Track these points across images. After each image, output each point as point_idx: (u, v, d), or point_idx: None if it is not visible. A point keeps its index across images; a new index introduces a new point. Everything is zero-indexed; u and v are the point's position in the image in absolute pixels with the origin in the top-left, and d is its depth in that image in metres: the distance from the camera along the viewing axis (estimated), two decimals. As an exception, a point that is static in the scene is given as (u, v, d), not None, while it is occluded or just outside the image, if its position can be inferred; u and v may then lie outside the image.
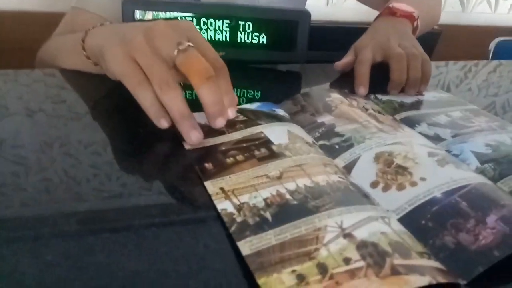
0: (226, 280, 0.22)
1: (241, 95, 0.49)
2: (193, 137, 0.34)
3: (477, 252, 0.25)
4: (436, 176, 0.31)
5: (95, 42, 0.40)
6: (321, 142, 0.37)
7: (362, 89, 0.48)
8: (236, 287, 0.22)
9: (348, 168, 0.33)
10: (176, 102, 0.33)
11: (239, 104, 0.43)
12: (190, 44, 0.33)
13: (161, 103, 0.34)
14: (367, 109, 0.42)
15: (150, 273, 0.23)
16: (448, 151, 0.37)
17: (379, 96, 0.48)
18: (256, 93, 0.50)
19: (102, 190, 0.29)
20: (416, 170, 0.32)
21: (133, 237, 0.25)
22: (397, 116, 0.43)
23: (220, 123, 0.35)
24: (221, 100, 0.34)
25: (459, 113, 0.44)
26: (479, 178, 0.31)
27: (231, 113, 0.36)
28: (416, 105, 0.47)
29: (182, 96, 0.34)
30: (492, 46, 1.69)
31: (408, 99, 0.48)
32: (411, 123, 0.41)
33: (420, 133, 0.39)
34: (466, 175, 0.31)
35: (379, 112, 0.42)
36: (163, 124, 0.35)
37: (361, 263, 0.22)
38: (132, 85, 0.34)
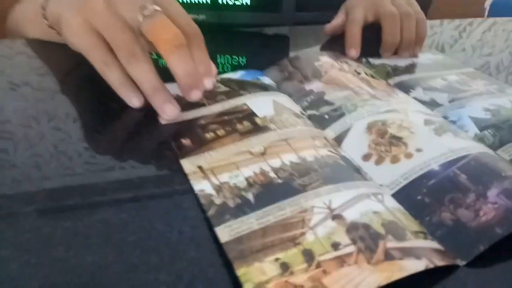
0: (201, 271, 0.20)
1: (225, 63, 0.45)
2: (168, 111, 0.31)
3: (478, 229, 0.23)
4: (433, 146, 0.28)
5: (55, 9, 0.36)
6: (309, 112, 0.34)
7: (353, 51, 0.44)
8: (213, 280, 0.20)
9: (339, 139, 0.31)
10: (146, 75, 0.30)
11: (222, 73, 0.40)
12: (157, 8, 0.30)
13: (131, 79, 0.31)
14: (359, 73, 0.39)
15: (116, 266, 0.20)
16: (445, 117, 0.34)
17: (371, 60, 0.44)
18: (241, 60, 0.46)
19: (65, 170, 0.27)
20: (412, 141, 0.29)
21: (98, 226, 0.23)
22: (391, 81, 0.40)
23: (195, 95, 0.32)
24: (194, 70, 0.31)
25: (456, 77, 0.42)
26: (478, 147, 0.29)
27: (208, 84, 0.33)
28: (411, 68, 0.44)
29: (152, 67, 0.31)
30: (487, 4, 1.64)
31: (402, 62, 0.45)
32: (406, 88, 0.38)
33: (415, 98, 0.37)
34: (465, 145, 0.29)
35: (372, 76, 0.39)
36: (135, 103, 0.32)
37: (352, 248, 0.20)
38: (97, 64, 0.31)
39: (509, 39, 0.58)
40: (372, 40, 0.46)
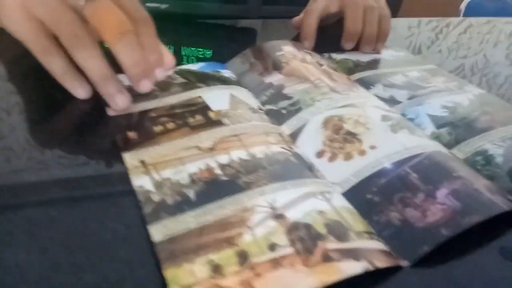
0: (131, 272, 0.19)
1: (189, 55, 0.44)
2: (118, 102, 0.30)
3: (424, 230, 0.22)
4: (387, 143, 0.28)
5: None
6: (268, 107, 0.33)
7: (307, 43, 0.43)
8: (141, 281, 0.19)
9: (294, 135, 0.30)
10: (93, 61, 0.28)
11: (182, 64, 0.38)
12: None
13: (76, 66, 0.29)
14: (321, 65, 0.38)
15: (38, 266, 0.19)
16: (404, 115, 0.34)
17: (334, 55, 0.43)
18: (206, 52, 0.45)
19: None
20: (367, 137, 0.28)
21: (23, 223, 0.21)
22: (352, 77, 0.39)
23: (145, 86, 0.30)
24: (143, 59, 0.29)
25: (416, 73, 0.41)
26: (433, 146, 0.28)
27: (159, 74, 0.31)
28: (373, 64, 0.43)
29: (100, 53, 0.29)
30: (463, 6, 1.66)
31: (364, 58, 0.44)
32: (366, 84, 0.38)
33: (375, 95, 0.36)
34: (420, 143, 0.28)
35: (334, 70, 0.38)
36: (81, 93, 0.30)
37: (289, 250, 0.19)
38: (38, 52, 0.29)
39: (484, 42, 0.58)
40: (335, 35, 0.45)
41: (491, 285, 0.21)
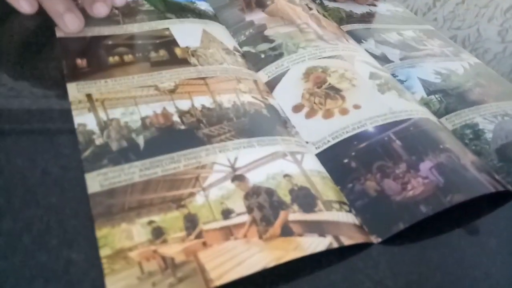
0: (59, 224, 0.16)
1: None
2: (67, 22, 0.25)
3: (401, 204, 0.20)
4: (373, 104, 0.25)
5: None
6: (245, 49, 0.29)
7: None
8: (69, 236, 0.16)
9: (271, 84, 0.26)
10: None
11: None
12: None
13: None
14: (310, 8, 0.34)
15: None
16: (394, 75, 0.30)
17: (326, 2, 0.39)
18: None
19: None
20: (351, 95, 0.25)
21: None
22: (343, 28, 0.35)
23: (99, 10, 0.26)
24: None
25: (412, 33, 0.37)
26: (422, 112, 0.25)
27: (119, 0, 0.27)
28: (366, 17, 0.39)
29: None
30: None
31: (358, 9, 0.39)
32: (357, 37, 0.34)
33: (365, 50, 0.32)
34: (408, 107, 0.25)
35: (323, 16, 0.34)
36: (25, 7, 0.25)
37: (245, 218, 0.16)
38: None
39: (479, 16, 0.54)
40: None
41: (465, 269, 0.19)
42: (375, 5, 0.41)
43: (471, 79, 0.32)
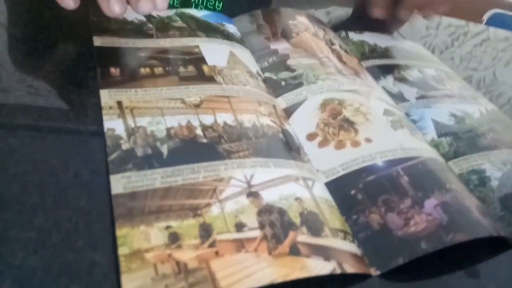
0: (85, 224, 0.17)
1: (199, 3, 0.40)
2: (113, 4, 0.27)
3: (403, 239, 0.20)
4: (384, 139, 0.26)
5: None
6: (267, 74, 0.30)
7: (377, 10, 0.40)
8: (95, 236, 0.17)
9: (289, 111, 0.27)
10: None
11: (184, 7, 0.35)
12: None
13: None
14: (333, 44, 0.35)
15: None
16: (407, 114, 0.32)
17: (351, 35, 0.41)
18: (217, 4, 0.41)
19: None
20: (364, 128, 0.26)
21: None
22: (363, 63, 0.36)
23: (144, 6, 0.28)
24: None
25: (433, 72, 0.39)
26: (431, 152, 0.26)
27: (160, 3, 0.29)
28: (390, 51, 0.40)
29: None
30: (486, 17, 1.62)
31: (383, 42, 0.41)
32: (377, 74, 0.35)
33: (383, 87, 0.34)
34: (418, 145, 0.26)
35: (345, 51, 0.35)
36: (69, 3, 0.27)
37: (256, 233, 0.17)
38: None
39: (496, 59, 0.56)
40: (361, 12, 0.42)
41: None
42: (400, 41, 0.43)
43: (485, 124, 0.32)
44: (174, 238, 0.17)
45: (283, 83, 0.30)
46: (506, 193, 0.27)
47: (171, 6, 0.40)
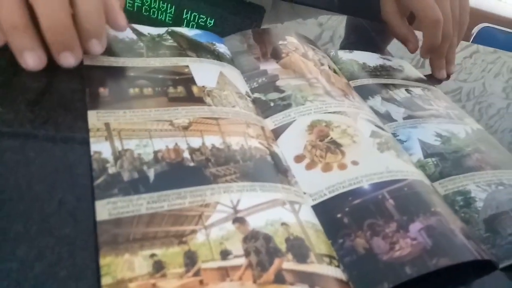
0: (69, 253, 0.17)
1: (191, 20, 0.40)
2: (27, 60, 0.25)
3: (387, 264, 0.21)
4: (371, 161, 0.26)
5: None
6: (256, 95, 0.31)
7: (410, 45, 0.45)
8: (78, 265, 0.16)
9: (277, 132, 0.28)
10: (6, 4, 0.23)
11: (175, 25, 0.35)
12: None
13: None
14: (322, 64, 0.36)
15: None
16: (395, 134, 0.32)
17: (340, 54, 0.41)
18: (208, 21, 0.42)
19: None
20: (351, 150, 0.27)
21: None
22: (352, 83, 0.37)
23: (66, 61, 0.26)
24: (66, 26, 0.24)
25: (420, 91, 0.39)
26: (416, 174, 0.27)
27: (95, 47, 0.26)
28: (379, 70, 0.41)
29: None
30: (475, 30, 1.65)
31: (372, 61, 0.42)
32: (365, 93, 0.36)
33: (371, 107, 0.34)
34: (404, 168, 0.27)
35: (334, 71, 0.36)
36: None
37: (241, 261, 0.17)
38: None
39: (485, 70, 0.57)
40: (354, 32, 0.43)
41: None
42: (389, 60, 0.44)
43: (471, 144, 0.33)
44: (159, 267, 0.16)
45: (272, 104, 0.30)
46: (491, 214, 0.27)
47: (163, 23, 0.40)
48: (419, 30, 0.45)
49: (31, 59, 0.25)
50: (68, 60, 0.26)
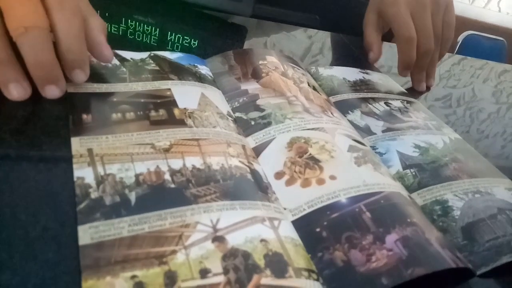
0: (53, 278, 0.17)
1: (176, 42, 0.42)
2: (12, 91, 0.25)
3: (364, 275, 0.21)
4: (348, 176, 0.27)
5: None
6: (238, 114, 0.32)
7: (371, 54, 0.47)
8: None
9: (258, 150, 0.29)
10: None
11: (159, 49, 0.36)
12: None
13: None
14: (301, 81, 0.37)
15: None
16: (374, 147, 0.33)
17: (321, 70, 0.43)
18: (192, 42, 0.43)
19: None
20: (329, 166, 0.27)
21: None
22: (332, 98, 0.38)
23: (51, 93, 0.27)
24: (49, 61, 0.25)
25: (399, 103, 0.41)
26: (394, 186, 0.28)
27: (78, 76, 0.27)
28: (359, 84, 0.42)
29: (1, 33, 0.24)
30: (460, 38, 1.69)
31: (352, 76, 0.43)
32: (345, 108, 0.37)
33: (350, 122, 0.35)
34: (381, 181, 0.28)
35: (314, 88, 0.37)
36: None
37: (220, 278, 0.18)
38: None
39: (474, 76, 0.59)
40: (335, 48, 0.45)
41: None
42: (368, 74, 0.45)
43: (448, 153, 0.34)
44: (139, 288, 0.17)
45: (252, 123, 0.31)
46: (468, 222, 0.28)
47: (148, 46, 0.41)
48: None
49: (16, 91, 0.26)
50: (52, 92, 0.27)
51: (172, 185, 0.22)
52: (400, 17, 0.43)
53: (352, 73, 0.44)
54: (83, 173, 0.22)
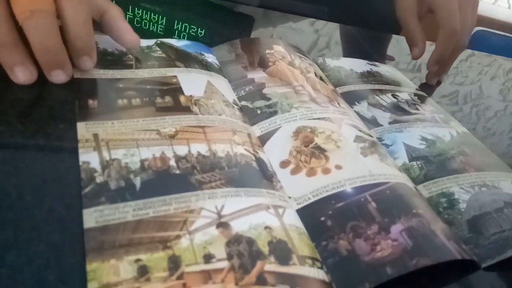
0: (57, 259, 0.17)
1: (182, 31, 0.41)
2: (18, 74, 0.25)
3: (369, 265, 0.21)
4: (354, 166, 0.27)
5: None
6: (243, 103, 0.31)
7: (415, 50, 0.43)
8: (66, 270, 0.17)
9: (263, 139, 0.28)
10: None
11: (165, 36, 0.36)
12: None
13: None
14: (308, 71, 0.37)
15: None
16: (380, 138, 0.33)
17: (328, 61, 0.42)
18: (199, 31, 0.43)
19: None
20: (335, 155, 0.27)
21: None
22: (339, 89, 0.38)
23: (57, 78, 0.27)
24: (55, 46, 0.25)
25: (407, 96, 0.40)
26: (400, 177, 0.27)
27: (86, 63, 0.27)
28: (366, 76, 0.42)
29: (5, 16, 0.24)
30: (469, 34, 1.67)
31: (359, 68, 0.43)
32: (351, 99, 0.37)
33: (357, 113, 0.35)
34: (387, 171, 0.27)
35: (321, 79, 0.37)
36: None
37: (224, 264, 0.18)
38: None
39: (482, 73, 0.58)
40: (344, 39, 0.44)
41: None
42: (376, 65, 0.44)
43: (455, 147, 0.34)
44: (143, 271, 0.17)
45: (258, 112, 0.31)
46: (474, 215, 0.28)
47: (155, 34, 0.41)
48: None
49: (22, 74, 0.25)
50: (59, 77, 0.27)
51: (177, 171, 0.22)
52: (452, 8, 0.40)
53: (359, 65, 0.44)
54: (88, 157, 0.22)
